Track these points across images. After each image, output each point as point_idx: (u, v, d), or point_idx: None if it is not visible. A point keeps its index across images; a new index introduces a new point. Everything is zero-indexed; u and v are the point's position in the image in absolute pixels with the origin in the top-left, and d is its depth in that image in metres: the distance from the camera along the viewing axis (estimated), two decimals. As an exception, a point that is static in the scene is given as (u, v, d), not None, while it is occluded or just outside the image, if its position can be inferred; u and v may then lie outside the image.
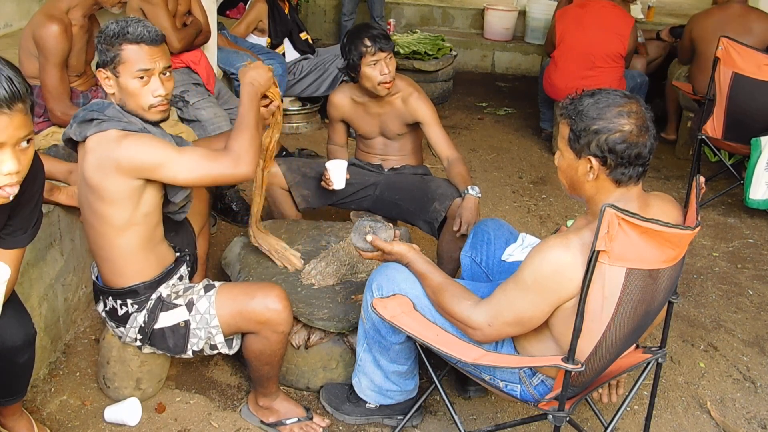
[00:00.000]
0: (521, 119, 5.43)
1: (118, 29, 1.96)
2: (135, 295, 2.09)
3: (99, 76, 2.03)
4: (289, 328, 2.13)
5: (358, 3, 6.46)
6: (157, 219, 2.09)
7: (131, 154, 1.90)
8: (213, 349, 2.13)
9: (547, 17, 6.56)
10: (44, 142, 2.84)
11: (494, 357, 1.88)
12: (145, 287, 2.09)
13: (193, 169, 1.94)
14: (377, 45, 2.77)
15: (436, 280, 1.96)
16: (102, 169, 1.93)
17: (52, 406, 2.28)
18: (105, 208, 1.97)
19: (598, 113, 1.66)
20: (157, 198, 2.04)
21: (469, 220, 2.66)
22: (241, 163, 1.98)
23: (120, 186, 1.93)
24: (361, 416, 2.30)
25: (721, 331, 2.93)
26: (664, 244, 1.64)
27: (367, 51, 2.77)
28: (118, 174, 1.91)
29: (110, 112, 1.97)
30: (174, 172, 1.93)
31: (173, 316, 2.10)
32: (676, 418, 2.43)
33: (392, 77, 2.84)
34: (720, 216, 3.98)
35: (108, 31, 1.98)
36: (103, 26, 2.01)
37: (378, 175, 3.07)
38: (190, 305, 2.10)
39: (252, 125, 2.04)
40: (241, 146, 1.99)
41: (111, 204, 1.96)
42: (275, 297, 2.08)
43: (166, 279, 2.13)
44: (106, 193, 1.95)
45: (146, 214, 2.02)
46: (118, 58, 1.96)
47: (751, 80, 3.59)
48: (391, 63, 2.83)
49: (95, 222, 2.02)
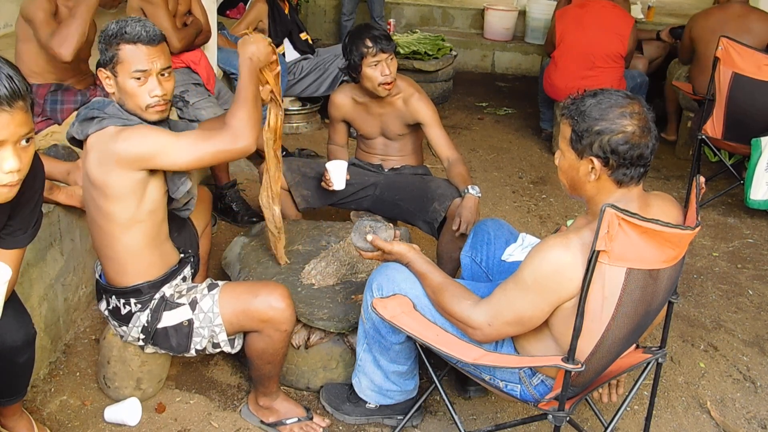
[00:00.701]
0: (521, 119, 5.43)
1: (116, 29, 1.96)
2: (138, 294, 2.09)
3: (99, 76, 2.03)
4: (292, 327, 2.13)
5: (358, 3, 6.45)
6: (161, 216, 2.09)
7: (129, 145, 1.90)
8: (216, 347, 2.13)
9: (547, 17, 6.55)
10: (44, 142, 2.84)
11: (494, 357, 1.88)
12: (149, 287, 2.09)
13: (191, 150, 1.93)
14: (378, 46, 2.77)
15: (436, 280, 1.96)
16: (103, 165, 1.93)
17: (52, 406, 2.28)
18: (109, 205, 1.97)
19: (600, 114, 1.66)
20: (160, 193, 2.04)
21: (468, 220, 2.66)
22: (240, 137, 1.96)
23: (122, 180, 1.93)
24: (361, 416, 2.30)
25: (721, 331, 2.93)
26: (664, 244, 1.64)
27: (368, 52, 2.77)
28: (119, 168, 1.92)
29: (110, 110, 1.98)
30: (173, 157, 1.93)
31: (176, 315, 2.10)
32: (676, 418, 2.43)
33: (393, 78, 2.84)
34: (720, 216, 3.98)
35: (108, 31, 1.98)
36: (104, 26, 2.01)
37: (378, 175, 3.07)
38: (194, 304, 2.10)
39: (250, 100, 2.01)
40: (239, 120, 1.97)
41: (115, 200, 1.96)
42: (278, 295, 2.08)
43: (170, 279, 2.14)
44: (109, 189, 1.95)
45: (151, 211, 2.02)
46: (116, 58, 1.96)
47: (751, 80, 3.58)
48: (393, 64, 2.83)
49: (100, 220, 2.02)
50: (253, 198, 3.77)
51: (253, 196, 3.79)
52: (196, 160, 1.96)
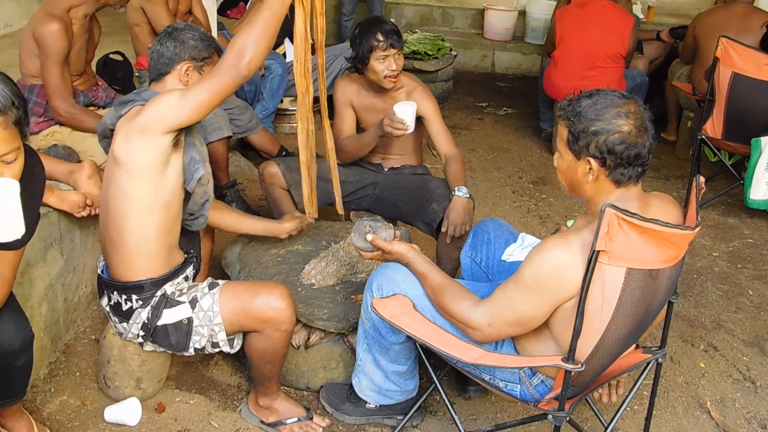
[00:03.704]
0: (521, 119, 5.43)
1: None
2: (140, 290, 2.10)
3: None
4: (292, 327, 2.13)
5: (358, 3, 6.45)
6: (176, 211, 2.11)
7: (149, 113, 1.96)
8: (215, 347, 2.14)
9: (547, 17, 6.56)
10: (44, 142, 2.84)
11: (494, 357, 1.88)
12: (152, 284, 2.10)
13: (201, 91, 1.91)
14: (389, 41, 2.77)
15: (436, 280, 1.96)
16: (128, 140, 1.98)
17: (52, 406, 2.28)
18: (131, 183, 1.99)
19: (596, 114, 1.66)
20: (178, 182, 2.05)
21: (456, 222, 2.66)
22: (244, 56, 1.85)
23: (147, 151, 1.96)
24: (361, 416, 2.30)
25: (721, 331, 2.93)
26: (664, 244, 1.64)
27: (378, 46, 2.77)
28: (144, 136, 1.95)
29: (146, 95, 2.06)
30: (188, 107, 1.91)
31: (176, 313, 2.10)
32: (676, 418, 2.43)
33: (399, 72, 2.84)
34: (720, 216, 3.98)
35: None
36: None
37: (377, 175, 3.07)
38: (194, 302, 2.10)
39: (262, 21, 1.87)
40: (246, 39, 1.86)
41: (138, 175, 1.98)
42: (278, 295, 2.08)
43: (172, 277, 2.15)
44: (133, 162, 1.98)
45: (167, 202, 2.04)
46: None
47: (751, 80, 3.58)
48: (400, 59, 2.83)
49: (118, 202, 2.03)
50: (253, 198, 3.78)
51: (253, 196, 3.79)
52: (210, 99, 1.90)
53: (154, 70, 2.15)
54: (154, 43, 2.15)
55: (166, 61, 2.12)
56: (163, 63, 2.13)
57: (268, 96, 4.45)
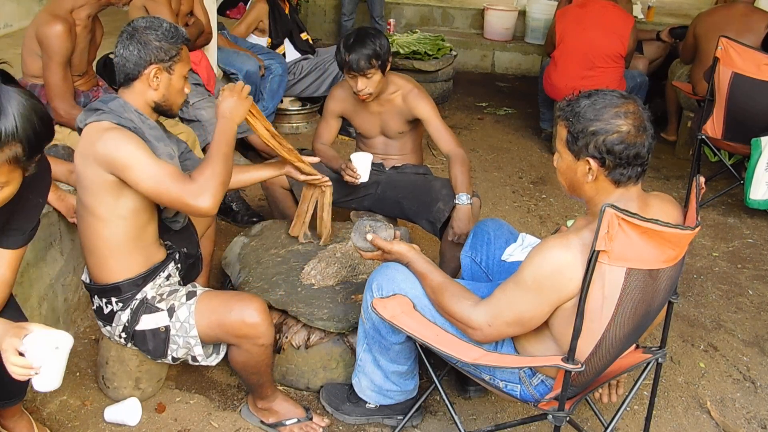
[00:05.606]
0: (521, 119, 5.43)
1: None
2: (118, 292, 2.08)
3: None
4: (270, 341, 2.09)
5: (358, 3, 6.45)
6: (147, 218, 2.07)
7: (108, 147, 1.90)
8: (194, 360, 2.13)
9: (547, 17, 6.56)
10: (44, 142, 2.84)
11: (494, 357, 1.88)
12: (129, 284, 2.08)
13: (157, 182, 1.88)
14: (351, 66, 2.72)
15: (436, 280, 1.96)
16: (85, 157, 1.95)
17: (52, 406, 2.28)
18: (87, 197, 1.99)
19: (595, 114, 1.66)
20: (137, 199, 2.00)
21: (461, 231, 2.70)
22: (201, 196, 1.89)
23: (96, 177, 1.94)
24: (361, 416, 2.30)
25: (721, 331, 2.93)
26: (664, 244, 1.64)
27: (344, 65, 2.77)
28: (95, 164, 1.92)
29: (113, 105, 1.99)
30: (138, 178, 1.89)
31: (154, 320, 2.09)
32: (676, 418, 2.43)
33: (368, 93, 2.81)
34: (720, 216, 3.98)
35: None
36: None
37: (380, 174, 3.06)
38: (171, 311, 2.08)
39: (219, 160, 1.95)
40: (205, 179, 1.91)
41: (91, 194, 1.97)
42: (253, 310, 2.04)
43: (152, 277, 2.12)
44: (86, 181, 1.97)
45: (132, 210, 2.01)
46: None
47: (751, 80, 3.58)
48: (371, 81, 2.78)
49: (82, 211, 2.03)
50: (252, 198, 3.78)
51: (252, 196, 3.79)
52: (155, 193, 1.91)
53: (121, 74, 2.05)
54: (118, 46, 2.04)
55: (131, 66, 2.01)
56: (129, 68, 2.02)
57: (268, 96, 4.46)
